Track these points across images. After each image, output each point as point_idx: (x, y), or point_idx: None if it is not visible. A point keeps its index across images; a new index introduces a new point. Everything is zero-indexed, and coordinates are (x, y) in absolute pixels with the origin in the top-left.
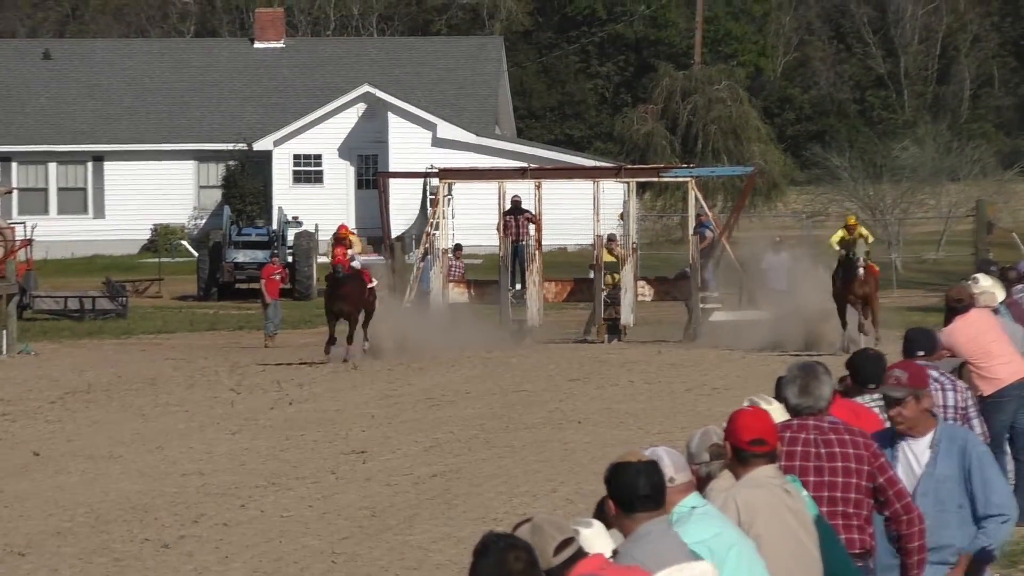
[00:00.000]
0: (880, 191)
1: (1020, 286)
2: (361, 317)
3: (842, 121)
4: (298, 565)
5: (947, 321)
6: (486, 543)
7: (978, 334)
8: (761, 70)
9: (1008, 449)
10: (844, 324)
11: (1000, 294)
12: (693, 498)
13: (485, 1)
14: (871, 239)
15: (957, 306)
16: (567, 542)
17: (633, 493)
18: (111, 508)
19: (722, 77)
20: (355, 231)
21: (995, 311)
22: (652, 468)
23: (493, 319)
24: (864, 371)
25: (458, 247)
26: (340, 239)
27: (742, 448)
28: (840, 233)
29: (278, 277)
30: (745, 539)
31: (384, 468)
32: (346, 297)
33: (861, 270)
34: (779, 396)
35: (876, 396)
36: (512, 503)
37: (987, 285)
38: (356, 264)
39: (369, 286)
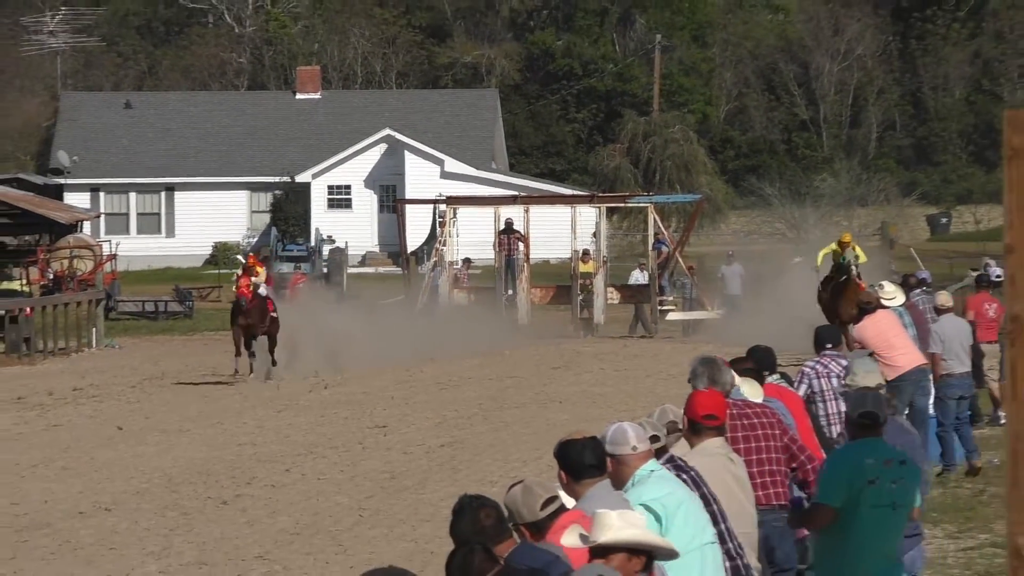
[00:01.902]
0: (803, 214)
1: (918, 291)
2: (267, 343)
3: (773, 157)
4: (332, 518)
5: (858, 320)
6: (461, 503)
7: (883, 330)
8: (707, 116)
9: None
10: None
11: (901, 298)
12: (651, 463)
13: (483, 60)
14: (863, 259)
15: (866, 307)
16: (551, 499)
17: (581, 463)
18: (180, 472)
19: (676, 122)
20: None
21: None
22: (595, 443)
23: (490, 319)
24: (762, 361)
25: (467, 260)
26: (247, 269)
27: (697, 421)
28: (832, 246)
29: (301, 285)
30: (693, 497)
31: (402, 440)
32: (248, 313)
33: (855, 268)
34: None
35: (776, 376)
36: (506, 468)
37: (891, 290)
38: (261, 291)
39: (272, 315)
